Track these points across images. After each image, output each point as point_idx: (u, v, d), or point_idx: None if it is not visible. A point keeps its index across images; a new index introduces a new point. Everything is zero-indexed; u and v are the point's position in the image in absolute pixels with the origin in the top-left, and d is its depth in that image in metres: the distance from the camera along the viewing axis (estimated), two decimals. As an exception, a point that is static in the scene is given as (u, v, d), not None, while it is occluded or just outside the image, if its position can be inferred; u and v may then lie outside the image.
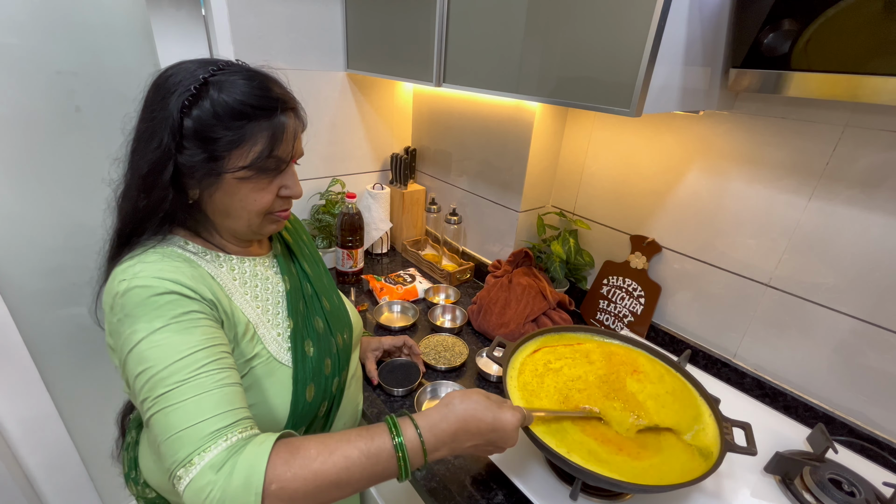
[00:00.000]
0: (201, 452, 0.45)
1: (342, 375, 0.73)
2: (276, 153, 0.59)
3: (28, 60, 1.01)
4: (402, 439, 0.52)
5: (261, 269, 0.69)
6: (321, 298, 0.75)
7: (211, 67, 0.57)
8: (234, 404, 0.50)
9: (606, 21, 0.68)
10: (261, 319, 0.64)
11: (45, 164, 1.09)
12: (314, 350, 0.68)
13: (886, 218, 0.77)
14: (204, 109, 0.55)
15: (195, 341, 0.50)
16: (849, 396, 0.86)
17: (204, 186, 0.58)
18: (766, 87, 0.72)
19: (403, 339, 1.01)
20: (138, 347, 0.49)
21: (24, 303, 1.14)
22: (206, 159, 0.56)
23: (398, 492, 0.93)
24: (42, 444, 1.25)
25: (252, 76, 0.58)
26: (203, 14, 1.13)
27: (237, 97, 0.55)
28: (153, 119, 0.55)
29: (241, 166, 0.57)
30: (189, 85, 0.54)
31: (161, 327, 0.50)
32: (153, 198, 0.57)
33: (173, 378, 0.48)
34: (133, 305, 0.51)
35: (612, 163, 1.14)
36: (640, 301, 1.12)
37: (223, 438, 0.47)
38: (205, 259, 0.62)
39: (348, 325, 0.79)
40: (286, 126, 0.59)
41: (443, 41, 0.98)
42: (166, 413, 0.47)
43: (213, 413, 0.47)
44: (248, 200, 0.60)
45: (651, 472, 0.63)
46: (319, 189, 1.46)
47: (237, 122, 0.55)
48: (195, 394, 0.48)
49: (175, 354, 0.49)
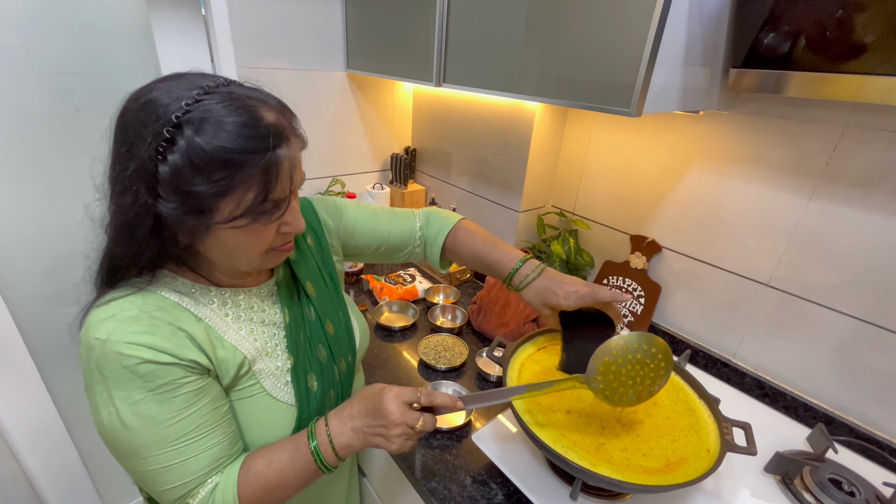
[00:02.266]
0: (193, 496, 0.54)
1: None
2: (273, 196, 0.51)
3: (28, 60, 1.01)
4: (314, 427, 0.60)
5: (256, 300, 0.63)
6: (324, 323, 0.69)
7: (185, 102, 0.46)
8: (222, 456, 0.56)
9: (606, 21, 0.68)
10: (259, 353, 0.61)
11: (45, 163, 1.09)
12: (318, 384, 0.65)
13: (886, 218, 0.77)
14: (181, 157, 0.46)
15: (176, 410, 0.52)
16: (849, 396, 0.86)
17: (194, 235, 0.52)
18: (766, 87, 0.72)
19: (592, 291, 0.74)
20: (119, 415, 0.50)
21: (24, 303, 1.14)
22: (189, 212, 0.48)
23: (398, 492, 0.93)
24: (42, 444, 1.25)
25: (234, 107, 0.48)
26: (203, 14, 1.13)
27: (219, 143, 0.46)
28: (125, 169, 0.47)
29: (233, 216, 0.50)
30: (161, 128, 0.45)
31: (139, 400, 0.50)
32: (134, 248, 0.51)
33: (159, 446, 0.52)
34: (107, 370, 0.49)
35: (612, 163, 1.14)
36: (640, 301, 1.13)
37: (210, 480, 0.55)
38: (192, 297, 0.57)
39: (352, 349, 0.74)
40: (281, 163, 0.50)
41: (443, 41, 0.98)
42: (157, 474, 0.52)
43: (203, 472, 0.54)
44: (246, 245, 0.54)
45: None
46: (319, 189, 1.46)
47: (221, 172, 0.47)
48: (183, 458, 0.53)
49: (158, 425, 0.51)
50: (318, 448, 0.58)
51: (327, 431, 0.59)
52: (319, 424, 0.60)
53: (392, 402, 0.58)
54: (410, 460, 0.80)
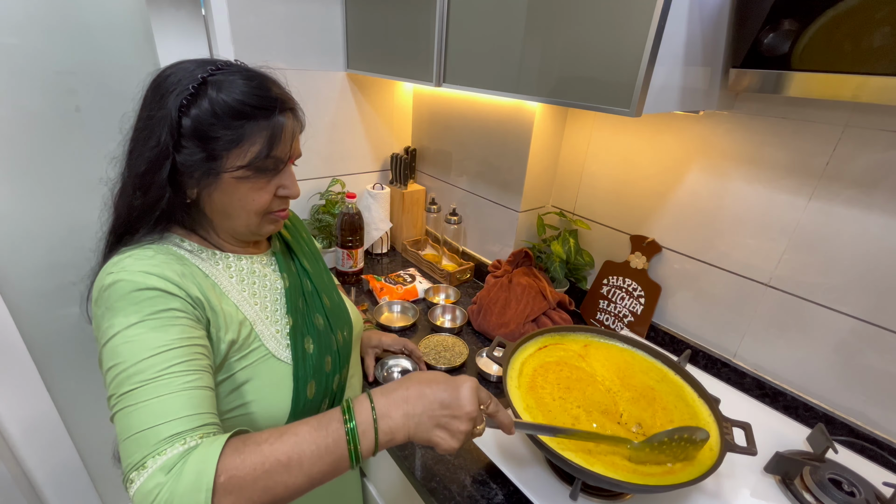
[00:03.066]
0: (156, 455, 0.43)
1: (343, 373, 0.73)
2: (275, 153, 0.59)
3: (28, 60, 1.01)
4: (352, 403, 0.51)
5: (258, 266, 0.69)
6: (321, 295, 0.75)
7: (210, 67, 0.57)
8: (200, 408, 0.47)
9: (606, 21, 0.68)
10: (259, 317, 0.64)
11: (45, 163, 1.09)
12: (314, 347, 0.68)
13: (886, 218, 0.77)
14: (202, 109, 0.55)
15: (169, 339, 0.49)
16: (849, 396, 0.86)
17: (202, 186, 0.58)
18: (766, 87, 0.72)
19: (403, 342, 1.00)
20: (112, 342, 0.49)
21: (24, 303, 1.14)
22: (204, 158, 0.56)
23: (398, 492, 0.93)
24: (42, 444, 1.25)
25: (251, 76, 0.58)
26: (203, 14, 1.13)
27: (236, 97, 0.56)
28: (151, 118, 0.55)
29: (240, 166, 0.57)
30: (187, 84, 0.55)
31: (136, 322, 0.49)
32: (150, 196, 0.57)
33: (140, 376, 0.46)
34: (115, 299, 0.50)
35: (612, 163, 1.14)
36: (640, 301, 1.13)
37: (181, 442, 0.44)
38: (200, 257, 0.61)
39: (348, 322, 0.79)
40: (284, 126, 0.59)
41: (443, 41, 0.98)
42: (128, 412, 0.46)
43: (175, 416, 0.45)
44: (247, 200, 0.60)
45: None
46: (319, 189, 1.46)
47: (236, 121, 0.56)
48: (159, 394, 0.46)
49: (145, 352, 0.48)
50: (356, 430, 0.48)
51: (373, 410, 0.50)
52: (360, 401, 0.51)
53: (473, 392, 0.53)
54: (410, 460, 0.80)
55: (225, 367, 0.59)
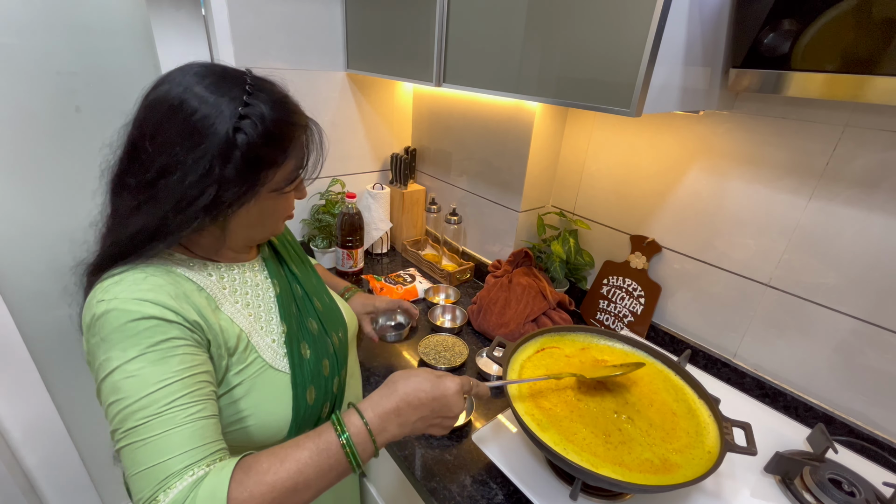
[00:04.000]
0: (166, 490, 0.44)
1: (341, 374, 0.73)
2: (305, 164, 0.63)
3: (28, 60, 1.01)
4: (345, 425, 0.53)
5: (249, 274, 0.67)
6: (312, 299, 0.74)
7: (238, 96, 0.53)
8: (206, 439, 0.48)
9: (606, 21, 0.68)
10: (253, 327, 0.63)
11: (46, 164, 1.09)
12: (310, 352, 0.67)
13: (886, 218, 0.77)
14: (254, 133, 0.53)
15: (170, 371, 0.49)
16: (849, 396, 0.86)
17: (239, 206, 0.57)
18: (766, 87, 0.72)
19: (398, 303, 1.01)
20: (111, 377, 0.48)
21: (24, 303, 1.14)
22: (251, 182, 0.55)
23: (398, 492, 0.93)
24: (42, 444, 1.25)
25: (276, 99, 0.57)
26: (203, 14, 1.13)
27: (280, 116, 0.56)
28: (193, 148, 0.51)
29: (284, 182, 0.60)
30: (235, 107, 0.52)
31: (135, 357, 0.48)
32: (176, 224, 0.54)
33: (144, 412, 0.47)
34: (109, 330, 0.49)
35: (612, 163, 1.14)
36: (640, 301, 1.12)
37: (190, 474, 0.45)
38: (191, 268, 0.59)
39: (342, 323, 0.78)
40: (312, 137, 0.62)
41: (443, 41, 0.98)
42: (135, 448, 0.46)
43: (182, 450, 0.46)
44: (280, 209, 0.64)
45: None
46: (319, 189, 1.46)
47: (283, 141, 0.57)
48: (165, 430, 0.47)
49: (148, 387, 0.47)
50: (356, 450, 0.52)
51: (367, 428, 0.53)
52: (349, 415, 0.54)
53: (459, 394, 0.60)
54: (410, 460, 0.80)
55: (224, 382, 0.58)
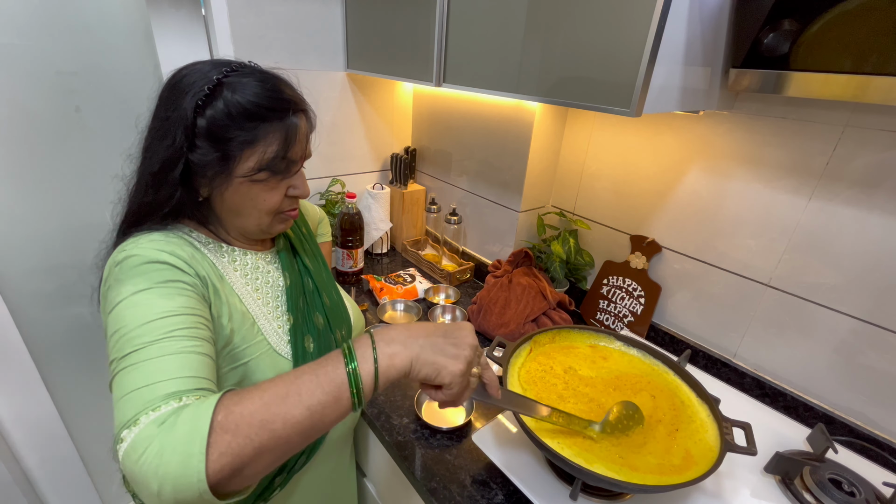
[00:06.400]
0: (149, 412, 0.41)
1: None
2: (290, 155, 0.60)
3: (28, 60, 1.01)
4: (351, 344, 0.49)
5: (262, 263, 0.70)
6: (322, 294, 0.76)
7: (224, 69, 0.58)
8: (199, 372, 0.46)
9: (606, 21, 0.68)
10: (261, 311, 0.65)
11: (45, 164, 1.09)
12: (314, 346, 0.69)
13: (886, 218, 0.77)
14: (217, 109, 0.56)
15: (174, 306, 0.50)
16: (849, 396, 0.86)
17: (215, 185, 0.59)
18: (766, 87, 0.72)
19: None
20: (117, 308, 0.49)
21: (24, 303, 1.14)
22: (218, 159, 0.57)
23: (398, 492, 0.93)
24: (42, 444, 1.25)
25: (265, 78, 0.59)
26: (203, 14, 1.13)
27: (250, 98, 0.56)
28: (167, 118, 0.56)
29: (255, 167, 0.58)
30: (203, 85, 0.56)
31: (144, 289, 0.50)
32: (161, 194, 0.58)
33: (142, 339, 0.46)
34: (125, 271, 0.52)
35: (612, 163, 1.14)
36: (640, 301, 1.12)
37: (176, 399, 0.42)
38: (208, 248, 0.63)
39: (347, 321, 0.79)
40: (298, 127, 0.61)
41: (443, 41, 0.98)
42: (126, 372, 0.44)
43: (174, 376, 0.44)
44: (259, 200, 0.62)
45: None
46: (319, 189, 1.46)
47: (250, 122, 0.57)
48: (159, 355, 0.45)
49: (150, 315, 0.48)
50: (353, 348, 0.48)
51: (370, 335, 0.50)
52: (361, 342, 0.49)
53: (471, 329, 0.55)
54: (410, 460, 0.80)
55: (230, 357, 0.60)
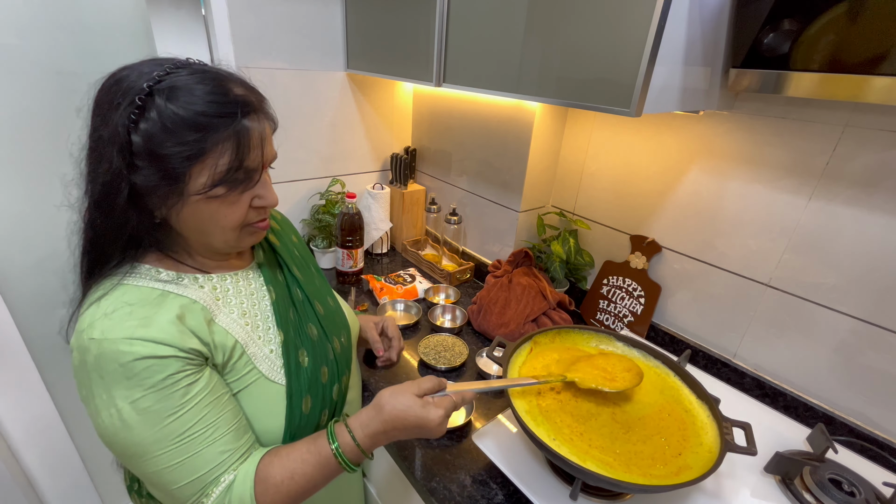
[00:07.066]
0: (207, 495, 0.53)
1: (342, 381, 0.71)
2: (246, 164, 0.53)
3: (28, 60, 1.01)
4: (338, 444, 0.59)
5: (244, 283, 0.65)
6: (313, 303, 0.72)
7: (156, 73, 0.50)
8: (229, 445, 0.55)
9: (606, 21, 0.68)
10: (251, 338, 0.61)
11: (46, 164, 1.09)
12: (309, 360, 0.65)
13: (886, 218, 0.77)
14: (152, 123, 0.48)
15: (178, 403, 0.51)
16: (849, 396, 0.86)
17: (169, 206, 0.53)
18: (766, 87, 0.72)
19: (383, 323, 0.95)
20: (122, 416, 0.49)
21: (24, 302, 1.14)
22: (163, 178, 0.50)
23: (398, 492, 0.93)
24: (42, 444, 1.25)
25: (206, 78, 0.51)
26: (203, 14, 1.13)
27: (189, 106, 0.49)
28: (99, 138, 0.50)
29: (208, 183, 0.51)
30: (133, 97, 0.48)
31: (140, 397, 0.49)
32: (111, 223, 0.52)
33: (161, 446, 0.51)
34: (107, 371, 0.49)
35: (612, 163, 1.14)
36: (640, 301, 1.12)
37: (223, 480, 0.54)
38: (182, 285, 0.57)
39: (345, 327, 0.76)
40: (251, 132, 0.53)
41: (443, 41, 0.98)
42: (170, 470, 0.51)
43: (211, 465, 0.53)
44: (220, 217, 0.55)
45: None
46: (319, 189, 1.46)
47: (193, 134, 0.49)
48: (188, 455, 0.52)
49: (161, 421, 0.50)
50: (341, 450, 0.59)
51: (353, 438, 0.60)
52: (341, 431, 0.60)
53: (444, 423, 0.62)
54: (410, 460, 0.80)
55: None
